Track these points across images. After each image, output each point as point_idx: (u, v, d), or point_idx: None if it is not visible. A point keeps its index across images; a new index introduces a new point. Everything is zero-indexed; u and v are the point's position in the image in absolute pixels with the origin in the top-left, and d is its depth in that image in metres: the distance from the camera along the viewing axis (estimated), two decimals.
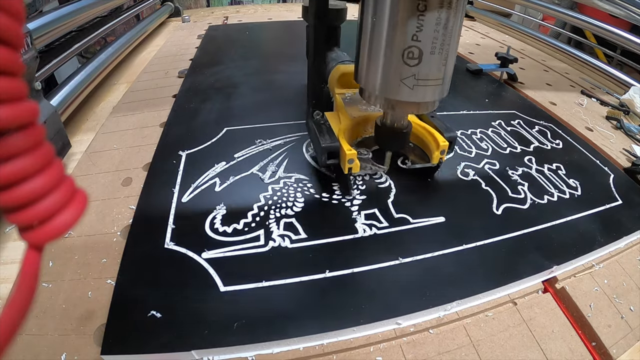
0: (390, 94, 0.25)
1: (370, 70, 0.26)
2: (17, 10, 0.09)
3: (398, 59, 0.24)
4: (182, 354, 0.22)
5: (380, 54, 0.24)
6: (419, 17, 0.22)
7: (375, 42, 0.24)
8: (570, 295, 0.28)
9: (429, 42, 0.23)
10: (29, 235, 0.11)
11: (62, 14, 0.49)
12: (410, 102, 0.25)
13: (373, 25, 0.24)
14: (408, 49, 0.23)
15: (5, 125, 0.09)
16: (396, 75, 0.24)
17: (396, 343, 0.24)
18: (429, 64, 0.23)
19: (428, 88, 0.24)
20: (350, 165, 0.30)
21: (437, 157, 0.33)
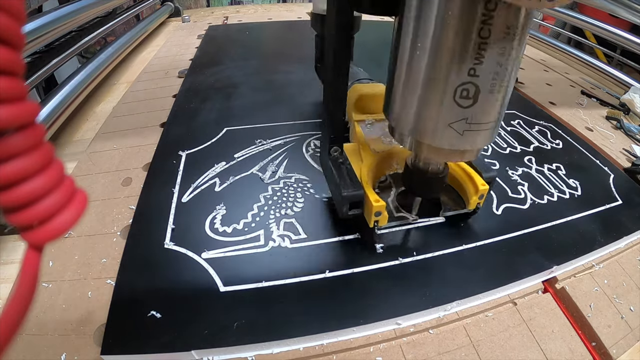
0: (431, 139, 0.20)
1: (406, 107, 0.20)
2: (18, 10, 0.09)
3: (448, 98, 0.18)
4: (182, 354, 0.22)
5: (423, 89, 0.19)
6: (481, 46, 0.17)
7: (415, 74, 0.19)
8: (570, 295, 0.28)
9: (488, 77, 0.17)
10: (29, 236, 0.11)
11: (62, 14, 0.49)
12: (454, 150, 0.20)
13: (414, 51, 0.19)
14: (462, 86, 0.18)
15: (5, 125, 0.09)
16: (442, 118, 0.19)
17: (396, 343, 0.24)
18: (485, 105, 0.18)
19: (480, 133, 0.19)
20: (378, 217, 0.26)
21: (474, 203, 0.29)
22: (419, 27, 0.18)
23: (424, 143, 0.21)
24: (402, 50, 0.20)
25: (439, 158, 0.23)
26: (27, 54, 0.46)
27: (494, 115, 0.19)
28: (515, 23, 0.16)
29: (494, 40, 0.16)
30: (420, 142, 0.21)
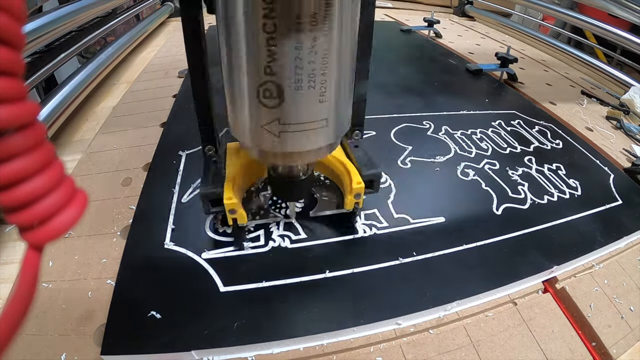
0: (257, 143, 0.19)
1: (233, 114, 0.20)
2: (18, 10, 0.09)
3: (253, 99, 0.17)
4: (182, 354, 0.22)
5: (237, 93, 0.18)
6: (269, 42, 0.15)
7: (229, 79, 0.18)
8: (570, 296, 0.28)
9: (290, 74, 0.16)
10: (29, 236, 0.11)
11: (62, 14, 0.49)
12: (281, 153, 0.19)
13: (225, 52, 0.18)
14: (263, 87, 0.17)
15: (5, 125, 0.09)
16: (254, 121, 0.18)
17: (396, 343, 0.24)
18: (297, 103, 0.17)
19: (303, 133, 0.18)
20: (233, 215, 0.25)
21: (351, 203, 0.27)
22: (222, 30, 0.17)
23: (255, 148, 0.20)
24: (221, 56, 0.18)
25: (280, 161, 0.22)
26: (27, 54, 0.46)
27: (317, 114, 0.18)
28: (307, 12, 0.15)
29: (283, 34, 0.15)
30: (252, 148, 0.20)
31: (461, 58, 0.74)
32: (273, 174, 0.24)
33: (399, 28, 0.92)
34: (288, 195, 0.26)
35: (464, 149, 0.43)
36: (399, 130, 0.45)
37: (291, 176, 0.24)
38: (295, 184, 0.24)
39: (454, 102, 0.54)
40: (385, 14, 1.11)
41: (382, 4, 1.25)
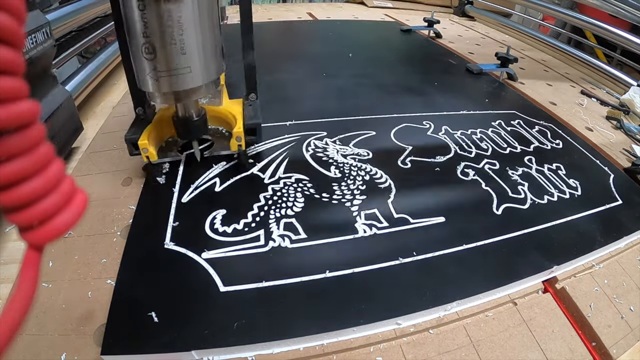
0: (146, 87, 0.27)
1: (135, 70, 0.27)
2: (18, 10, 0.09)
3: (139, 55, 0.25)
4: (182, 354, 0.22)
5: (133, 54, 0.26)
6: (142, 15, 0.24)
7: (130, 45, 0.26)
8: (570, 295, 0.28)
9: (157, 36, 0.24)
10: (29, 236, 0.11)
11: (62, 14, 0.49)
12: (163, 93, 0.27)
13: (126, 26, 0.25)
14: (144, 45, 0.25)
15: (5, 125, 0.09)
16: (142, 71, 0.26)
17: (396, 343, 0.24)
18: (165, 55, 0.25)
19: (173, 77, 0.26)
20: (146, 154, 0.32)
21: (234, 145, 0.34)
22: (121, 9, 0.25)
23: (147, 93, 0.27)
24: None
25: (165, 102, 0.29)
26: None
27: (180, 63, 0.26)
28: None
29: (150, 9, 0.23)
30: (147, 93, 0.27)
31: (461, 58, 0.74)
32: (175, 118, 0.32)
33: (399, 28, 0.92)
34: (186, 133, 0.33)
35: (464, 149, 0.43)
36: (399, 130, 0.45)
37: (186, 118, 0.31)
38: (190, 124, 0.31)
39: (454, 102, 0.54)
40: (385, 14, 1.11)
41: (382, 4, 1.25)
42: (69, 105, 0.41)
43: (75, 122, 0.42)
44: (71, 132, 0.41)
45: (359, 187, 0.35)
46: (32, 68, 0.35)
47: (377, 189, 0.35)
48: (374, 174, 0.37)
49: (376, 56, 0.73)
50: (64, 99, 0.40)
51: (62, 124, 0.39)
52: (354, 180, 0.36)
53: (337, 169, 0.37)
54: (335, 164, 0.38)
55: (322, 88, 0.56)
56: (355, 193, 0.34)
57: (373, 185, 0.36)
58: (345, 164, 0.38)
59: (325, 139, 0.42)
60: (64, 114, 0.39)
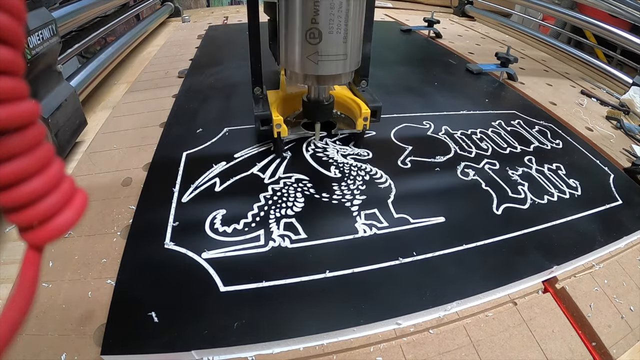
0: (300, 69, 0.30)
1: (287, 52, 0.31)
2: (18, 10, 0.09)
3: (304, 40, 0.28)
4: (182, 354, 0.22)
5: (290, 36, 0.29)
6: (315, 3, 0.27)
7: (285, 27, 0.29)
8: (570, 295, 0.28)
9: (326, 24, 0.27)
10: (29, 236, 0.11)
11: (62, 14, 0.49)
12: (317, 76, 0.30)
13: (286, 12, 0.29)
14: (309, 31, 0.28)
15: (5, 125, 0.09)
16: (303, 53, 0.29)
17: (396, 343, 0.24)
18: (328, 42, 0.28)
19: (331, 63, 0.29)
20: (278, 129, 0.35)
21: (360, 124, 0.37)
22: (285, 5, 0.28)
23: (297, 73, 0.31)
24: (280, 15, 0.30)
25: (318, 83, 0.32)
26: None
27: (340, 50, 0.29)
28: None
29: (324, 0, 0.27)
30: (297, 74, 0.31)
31: (461, 58, 0.74)
32: (306, 100, 0.35)
33: (399, 28, 0.92)
34: (315, 115, 0.36)
35: (464, 149, 0.43)
36: (399, 130, 0.45)
37: (318, 101, 0.35)
38: (321, 106, 0.35)
39: (454, 102, 0.54)
40: (385, 14, 1.11)
41: (382, 4, 1.25)
42: (73, 100, 0.41)
43: (80, 116, 0.43)
44: (76, 127, 0.42)
45: (359, 187, 0.35)
46: (38, 64, 0.35)
47: (377, 189, 0.35)
48: (374, 174, 0.37)
49: (376, 56, 0.73)
50: (68, 94, 0.40)
51: (67, 119, 0.39)
52: (354, 180, 0.36)
53: (337, 169, 0.37)
54: (335, 164, 0.38)
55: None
56: (355, 193, 0.34)
57: (373, 185, 0.36)
58: (345, 164, 0.38)
59: (325, 139, 0.42)
60: (68, 109, 0.40)
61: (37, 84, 0.36)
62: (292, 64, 0.30)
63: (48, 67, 0.38)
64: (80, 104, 0.44)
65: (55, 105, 0.37)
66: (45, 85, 0.37)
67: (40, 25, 0.35)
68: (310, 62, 0.29)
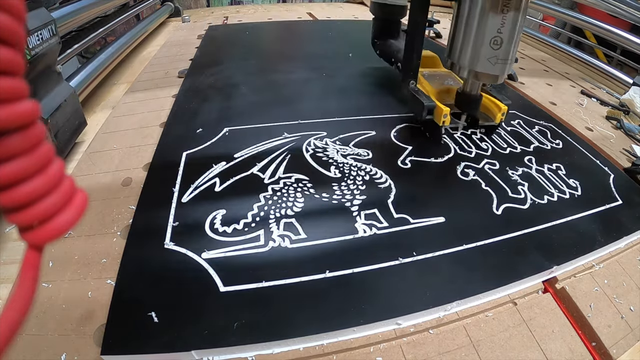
0: (478, 67, 0.36)
1: (464, 50, 0.36)
2: (18, 10, 0.09)
3: (487, 45, 0.34)
4: (182, 354, 0.22)
5: (473, 39, 0.35)
6: (503, 17, 0.33)
7: (469, 31, 0.35)
8: (570, 296, 0.28)
9: (507, 33, 0.33)
10: (29, 236, 0.11)
11: (62, 14, 0.49)
12: (490, 75, 0.35)
13: (468, 19, 0.35)
14: (494, 38, 0.34)
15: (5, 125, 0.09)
16: (484, 55, 0.35)
17: (396, 343, 0.24)
18: (506, 49, 0.34)
19: (503, 66, 0.35)
20: (444, 119, 0.39)
21: (499, 117, 0.41)
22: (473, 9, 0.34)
23: (474, 70, 0.36)
24: (460, 19, 0.36)
25: (482, 80, 0.37)
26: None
27: (510, 56, 0.35)
28: (520, 4, 0.32)
29: (510, 14, 0.32)
30: (471, 70, 0.36)
31: None
32: (461, 92, 0.41)
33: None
34: (469, 108, 0.41)
35: (464, 149, 0.43)
36: (399, 130, 0.45)
37: (474, 96, 0.40)
38: (475, 101, 0.40)
39: None
40: None
41: None
42: (73, 100, 0.42)
43: (80, 116, 0.43)
44: (75, 127, 0.42)
45: (359, 187, 0.35)
46: (38, 64, 0.35)
47: (377, 189, 0.35)
48: (374, 174, 0.37)
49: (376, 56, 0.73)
50: (68, 95, 0.40)
51: (66, 119, 0.39)
52: (354, 180, 0.36)
53: (337, 169, 0.37)
54: (335, 164, 0.38)
55: (322, 88, 0.56)
56: (355, 193, 0.34)
57: (373, 185, 0.36)
58: (345, 164, 0.38)
59: (325, 139, 0.42)
60: (68, 109, 0.40)
61: (37, 85, 0.36)
62: (466, 61, 0.36)
63: (47, 67, 0.38)
64: (80, 105, 0.44)
65: (55, 105, 0.37)
66: (44, 85, 0.38)
67: (39, 25, 0.35)
68: (488, 63, 0.34)
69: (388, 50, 0.55)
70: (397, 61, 0.52)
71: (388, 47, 0.55)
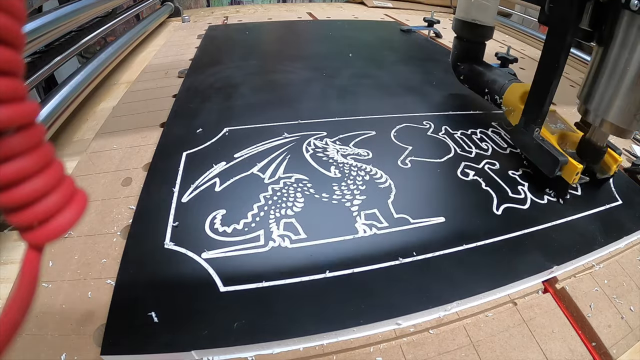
0: (617, 121, 0.31)
1: (605, 99, 0.31)
2: (18, 10, 0.09)
3: (637, 100, 0.29)
4: (182, 354, 0.22)
5: (622, 90, 0.30)
6: None
7: (619, 80, 0.30)
8: (570, 296, 0.28)
9: None
10: (29, 236, 0.11)
11: (62, 14, 0.49)
12: (628, 131, 0.31)
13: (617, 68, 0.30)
14: None
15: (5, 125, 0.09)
16: (630, 110, 0.30)
17: (396, 343, 0.24)
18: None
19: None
20: (576, 177, 0.35)
21: (614, 169, 0.38)
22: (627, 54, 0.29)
23: (613, 123, 0.31)
24: (607, 63, 0.31)
25: (615, 134, 0.32)
26: (27, 54, 0.46)
27: None
28: None
29: None
30: (609, 122, 0.31)
31: None
32: (587, 140, 0.36)
33: (399, 28, 0.92)
34: (591, 159, 0.37)
35: (464, 149, 0.43)
36: (399, 130, 0.45)
37: (598, 146, 0.35)
38: (601, 152, 0.36)
39: (454, 102, 0.54)
40: (385, 14, 1.12)
41: (382, 4, 1.25)
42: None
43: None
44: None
45: (359, 187, 0.35)
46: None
47: (377, 189, 0.35)
48: (374, 174, 0.37)
49: (376, 56, 0.73)
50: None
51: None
52: (354, 180, 0.36)
53: (337, 169, 0.37)
54: (335, 164, 0.38)
55: (322, 88, 0.56)
56: (355, 193, 0.34)
57: (373, 185, 0.36)
58: (345, 164, 0.38)
59: (325, 139, 0.42)
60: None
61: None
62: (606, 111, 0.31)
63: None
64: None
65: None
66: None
67: None
68: (634, 119, 0.30)
69: (478, 78, 0.49)
70: (494, 93, 0.46)
71: (477, 74, 0.49)
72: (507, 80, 0.45)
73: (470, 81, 0.51)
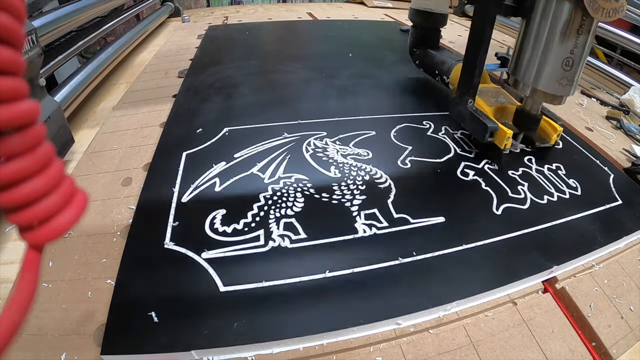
0: (544, 87, 0.34)
1: (530, 68, 0.35)
2: (18, 10, 0.09)
3: (558, 65, 0.33)
4: (182, 354, 0.22)
5: (544, 59, 0.33)
6: (577, 38, 0.31)
7: (539, 50, 0.33)
8: (570, 295, 0.28)
9: (578, 55, 0.32)
10: (29, 236, 0.11)
11: (62, 14, 0.49)
12: (557, 95, 0.34)
13: (538, 38, 0.33)
14: (566, 59, 0.32)
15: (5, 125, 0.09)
16: (554, 76, 0.33)
17: (396, 343, 0.24)
18: (575, 70, 0.33)
19: (570, 87, 0.34)
20: (507, 142, 0.38)
21: (554, 139, 0.42)
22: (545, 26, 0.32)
23: (540, 90, 0.35)
24: (528, 37, 0.34)
25: (547, 100, 0.36)
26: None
27: (578, 77, 0.33)
28: (591, 27, 0.31)
29: (583, 36, 0.31)
30: (537, 90, 0.35)
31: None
32: (521, 110, 0.39)
33: (399, 28, 0.92)
34: (527, 127, 0.40)
35: (464, 149, 0.43)
36: (399, 130, 0.45)
37: (534, 115, 0.38)
38: (536, 120, 0.39)
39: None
40: (385, 14, 1.11)
41: (382, 4, 1.25)
42: (58, 116, 0.39)
43: (66, 134, 0.40)
44: (61, 145, 0.39)
45: (359, 187, 0.35)
46: None
47: (377, 189, 0.35)
48: (374, 174, 0.37)
49: (376, 56, 0.73)
50: (52, 111, 0.38)
51: (51, 137, 0.36)
52: (354, 180, 0.36)
53: (337, 169, 0.37)
54: (335, 164, 0.38)
55: (322, 88, 0.56)
56: (355, 193, 0.34)
57: (373, 185, 0.36)
58: (345, 164, 0.38)
59: (325, 139, 0.42)
60: (52, 127, 0.37)
61: None
62: (531, 79, 0.35)
63: (29, 81, 0.36)
64: (66, 121, 0.41)
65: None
66: None
67: None
68: (558, 84, 0.33)
69: (430, 62, 0.53)
70: (442, 74, 0.49)
71: (430, 58, 0.53)
72: (454, 61, 0.49)
73: (424, 65, 0.55)
